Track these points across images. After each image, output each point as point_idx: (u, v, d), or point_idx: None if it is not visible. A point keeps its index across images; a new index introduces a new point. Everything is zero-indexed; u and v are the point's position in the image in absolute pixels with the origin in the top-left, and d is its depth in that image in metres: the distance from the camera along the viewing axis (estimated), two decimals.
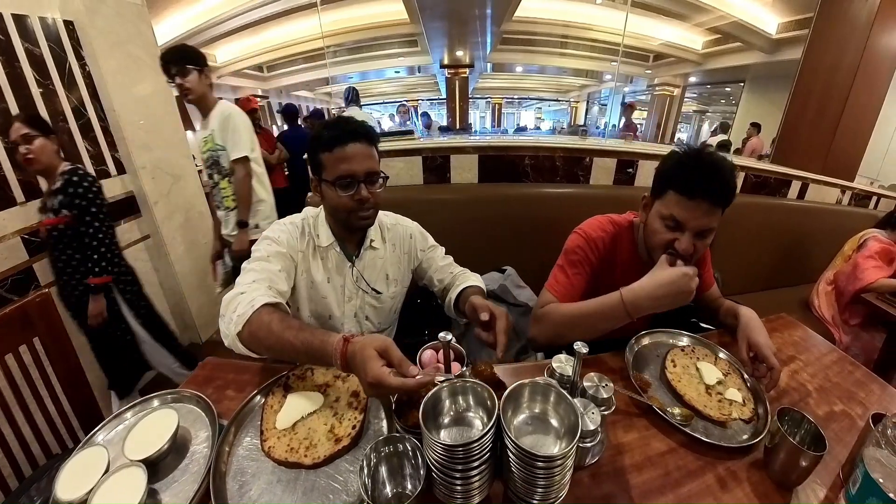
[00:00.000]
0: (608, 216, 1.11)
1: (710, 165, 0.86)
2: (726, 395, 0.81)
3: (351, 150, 0.90)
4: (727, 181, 0.86)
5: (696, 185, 0.85)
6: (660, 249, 0.92)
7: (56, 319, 0.99)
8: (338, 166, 0.90)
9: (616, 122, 9.22)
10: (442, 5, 6.52)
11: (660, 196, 0.93)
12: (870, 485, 0.53)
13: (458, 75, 9.87)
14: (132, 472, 0.60)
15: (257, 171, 1.91)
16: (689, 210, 0.87)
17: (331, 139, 0.91)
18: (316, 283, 1.03)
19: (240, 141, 1.79)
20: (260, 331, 0.73)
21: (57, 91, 1.72)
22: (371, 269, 1.07)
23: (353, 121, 0.95)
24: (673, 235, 0.90)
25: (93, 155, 1.87)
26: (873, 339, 1.74)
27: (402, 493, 0.58)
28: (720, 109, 9.51)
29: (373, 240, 1.06)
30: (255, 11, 5.75)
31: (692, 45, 7.77)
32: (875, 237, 1.79)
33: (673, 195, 0.89)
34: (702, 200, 0.85)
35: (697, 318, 1.36)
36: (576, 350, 0.67)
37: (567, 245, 1.07)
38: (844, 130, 3.23)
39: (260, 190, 1.94)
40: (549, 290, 1.02)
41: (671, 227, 0.90)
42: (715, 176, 0.85)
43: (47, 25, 1.68)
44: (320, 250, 1.02)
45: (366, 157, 0.92)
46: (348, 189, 0.91)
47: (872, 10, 3.00)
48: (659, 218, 0.92)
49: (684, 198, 0.87)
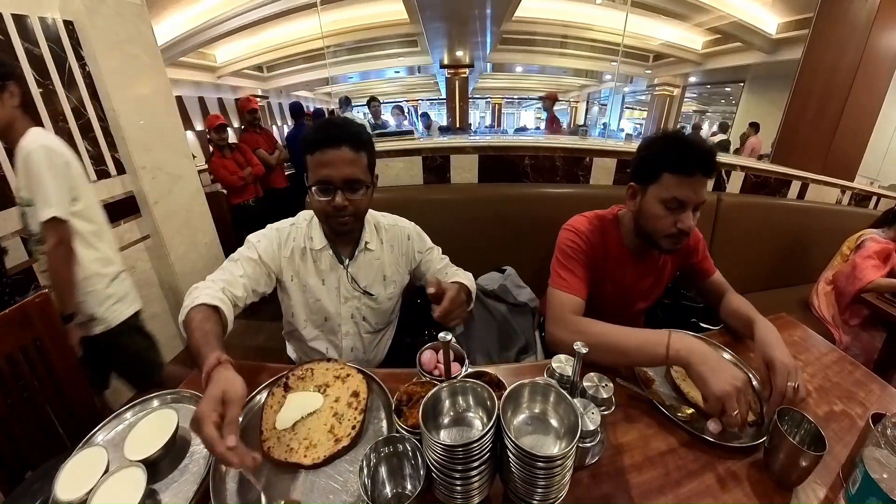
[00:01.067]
0: (593, 212, 1.13)
1: (694, 141, 0.92)
2: None
3: (330, 156, 0.88)
4: (713, 152, 0.91)
5: (691, 161, 0.90)
6: (666, 233, 0.95)
7: (56, 319, 0.99)
8: (317, 171, 0.90)
9: (616, 122, 9.24)
10: (442, 5, 6.51)
11: (654, 181, 0.95)
12: (870, 485, 0.53)
13: (457, 75, 9.87)
14: (132, 472, 0.60)
15: (83, 231, 1.30)
16: (689, 186, 0.91)
17: (313, 142, 0.90)
18: (309, 287, 1.04)
19: (44, 192, 1.17)
20: (186, 325, 0.77)
21: (57, 91, 1.72)
22: (367, 271, 1.07)
23: (340, 124, 0.92)
24: (676, 217, 0.93)
25: (93, 155, 1.87)
26: (873, 339, 1.74)
27: (402, 494, 0.58)
28: (720, 109, 9.50)
29: (367, 241, 1.06)
30: (254, 12, 5.74)
31: (692, 45, 7.77)
32: (873, 238, 1.79)
33: (670, 177, 0.92)
34: (699, 175, 0.91)
35: (698, 319, 1.37)
36: (576, 350, 0.67)
37: (559, 242, 1.08)
38: (844, 130, 3.23)
39: (88, 257, 1.31)
40: (561, 290, 1.00)
41: (673, 208, 0.93)
42: (702, 149, 0.91)
43: (47, 25, 1.68)
44: (314, 253, 1.03)
45: (346, 163, 0.89)
46: (325, 195, 0.91)
47: (872, 10, 3.00)
48: (659, 202, 0.94)
49: (683, 176, 0.91)
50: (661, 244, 0.98)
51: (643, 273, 1.13)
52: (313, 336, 1.10)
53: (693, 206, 0.93)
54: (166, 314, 2.28)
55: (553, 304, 1.00)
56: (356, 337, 1.11)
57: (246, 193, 3.19)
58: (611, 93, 9.87)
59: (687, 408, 0.75)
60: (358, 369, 0.82)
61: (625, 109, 11.45)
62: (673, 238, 0.96)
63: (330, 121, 0.98)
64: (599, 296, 1.10)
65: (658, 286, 1.19)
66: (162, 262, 2.21)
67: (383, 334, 1.18)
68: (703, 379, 0.72)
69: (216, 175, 3.08)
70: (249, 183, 3.17)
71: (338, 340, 1.10)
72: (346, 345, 1.10)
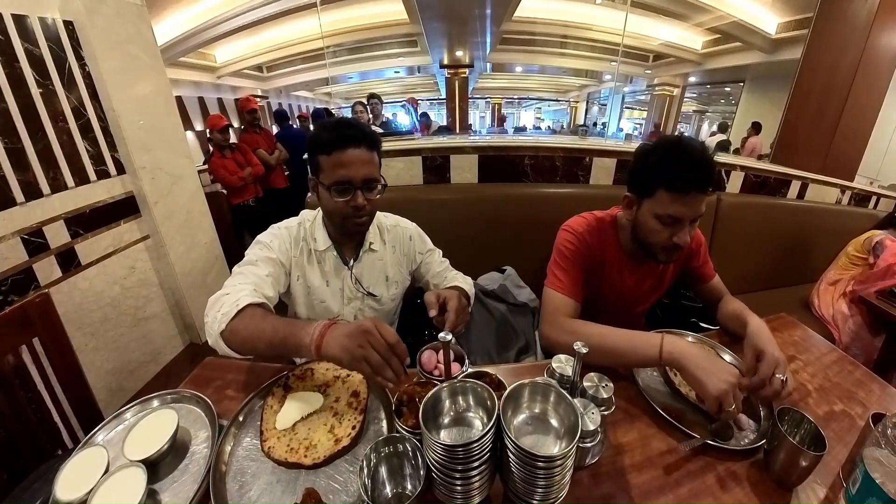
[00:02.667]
0: (592, 213, 1.12)
1: (694, 156, 0.85)
2: None
3: (349, 156, 0.88)
4: (712, 167, 0.86)
5: (688, 181, 0.86)
6: (662, 246, 0.93)
7: (56, 319, 0.99)
8: (335, 171, 0.88)
9: (616, 122, 9.23)
10: (442, 5, 6.51)
11: (649, 195, 0.92)
12: (870, 485, 0.53)
13: (457, 75, 9.87)
14: (132, 472, 0.60)
15: None
16: (685, 205, 0.88)
17: (329, 142, 0.88)
18: (314, 288, 1.03)
19: None
20: (240, 325, 0.73)
21: (56, 91, 1.72)
22: (370, 272, 1.07)
23: (355, 124, 0.91)
24: (672, 231, 0.91)
25: (92, 155, 1.87)
26: (873, 340, 1.74)
27: (402, 494, 0.58)
28: (720, 109, 9.52)
29: (372, 242, 1.05)
30: (254, 12, 5.75)
31: (692, 45, 7.78)
32: (889, 237, 1.81)
33: (665, 194, 0.88)
34: (696, 193, 0.87)
35: (697, 318, 1.37)
36: (576, 350, 0.67)
37: (557, 242, 1.07)
38: (844, 130, 3.22)
39: None
40: (556, 291, 1.00)
41: (668, 223, 0.91)
42: (701, 166, 0.85)
43: (47, 26, 1.68)
44: (317, 254, 1.02)
45: (364, 162, 0.89)
46: (344, 195, 0.90)
47: (872, 10, 3.00)
48: (654, 218, 0.92)
49: (679, 194, 0.87)
50: (657, 255, 0.98)
51: (642, 277, 1.12)
52: None
53: (690, 221, 0.91)
54: (166, 314, 2.28)
55: (547, 305, 1.00)
56: None
57: (246, 193, 3.18)
58: (610, 93, 9.88)
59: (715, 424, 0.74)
60: None
61: (624, 109, 11.46)
62: (669, 251, 0.95)
63: (343, 121, 0.97)
64: (599, 298, 1.09)
65: (658, 289, 1.18)
66: (162, 262, 2.21)
67: None
68: (699, 381, 0.74)
69: (216, 175, 3.08)
70: (249, 183, 3.16)
71: None
72: None
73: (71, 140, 1.77)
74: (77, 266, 1.80)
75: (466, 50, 9.15)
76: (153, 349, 2.24)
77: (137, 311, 2.12)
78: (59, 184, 1.72)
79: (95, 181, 1.88)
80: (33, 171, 1.62)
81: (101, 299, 1.91)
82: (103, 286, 1.92)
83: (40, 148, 1.64)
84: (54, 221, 1.70)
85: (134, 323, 2.10)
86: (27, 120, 1.59)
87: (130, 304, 2.08)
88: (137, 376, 2.12)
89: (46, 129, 1.66)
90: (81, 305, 1.82)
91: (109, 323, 1.96)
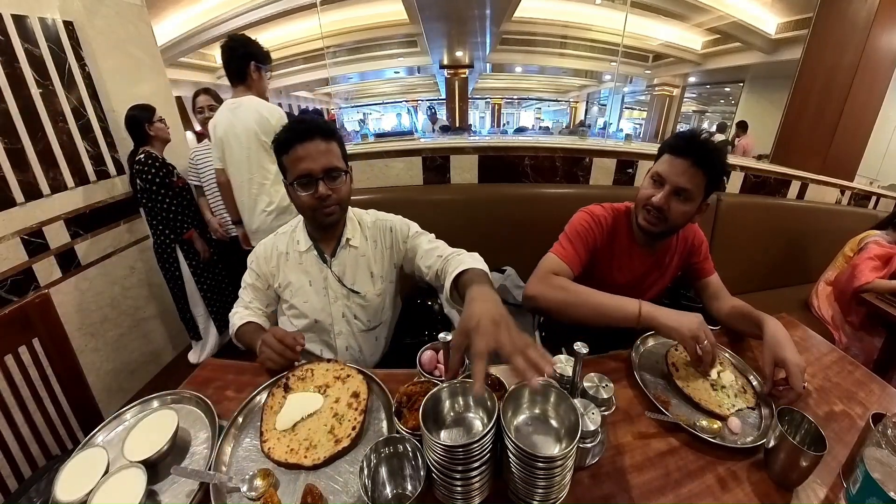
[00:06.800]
0: (609, 204, 1.18)
1: (695, 132, 0.98)
2: (724, 383, 0.83)
3: (305, 150, 0.91)
4: (708, 143, 0.95)
5: (681, 144, 0.97)
6: (642, 204, 1.02)
7: (56, 320, 0.99)
8: (296, 167, 0.92)
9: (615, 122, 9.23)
10: (441, 5, 6.51)
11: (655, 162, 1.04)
12: (870, 485, 0.53)
13: (457, 75, 9.87)
14: (132, 473, 0.60)
15: None
16: (671, 165, 0.97)
17: (286, 141, 0.92)
18: (297, 289, 1.05)
19: None
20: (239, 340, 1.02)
21: (56, 91, 1.72)
22: (352, 268, 1.07)
23: (305, 119, 0.96)
24: (654, 192, 0.99)
25: (93, 155, 1.87)
26: (873, 340, 1.74)
27: (402, 494, 0.58)
28: (720, 109, 9.51)
29: (349, 238, 1.05)
30: (255, 12, 5.75)
31: (691, 45, 7.77)
32: (876, 241, 1.80)
33: (664, 156, 1.00)
34: (685, 158, 0.95)
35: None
36: (576, 351, 0.67)
37: (572, 220, 1.13)
38: (844, 130, 3.22)
39: None
40: (555, 255, 1.05)
41: (655, 181, 1.00)
42: (699, 138, 0.96)
43: (47, 26, 1.68)
44: (300, 255, 1.05)
45: (321, 153, 0.92)
46: (307, 188, 0.92)
47: (872, 10, 3.00)
48: (649, 177, 1.03)
49: (672, 156, 0.98)
50: (638, 219, 1.05)
51: (651, 266, 1.17)
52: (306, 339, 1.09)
53: (673, 189, 0.96)
54: (166, 314, 2.28)
55: (542, 265, 1.04)
56: (350, 336, 1.10)
57: None
58: (610, 93, 9.88)
59: (713, 422, 0.74)
60: (358, 370, 0.82)
61: (624, 109, 11.46)
62: (647, 211, 1.01)
63: (297, 118, 1.00)
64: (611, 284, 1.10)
65: (662, 279, 1.22)
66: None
67: (378, 332, 1.18)
68: (673, 327, 0.84)
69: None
70: None
71: (331, 340, 1.10)
72: (341, 344, 1.10)
73: (71, 140, 1.77)
74: (77, 266, 1.80)
75: (466, 50, 9.15)
76: (153, 349, 2.24)
77: (137, 311, 2.12)
78: (59, 184, 1.72)
79: (95, 181, 1.88)
80: (33, 171, 1.62)
81: (100, 300, 1.91)
82: (103, 286, 1.92)
83: (40, 148, 1.64)
84: (54, 222, 1.70)
85: (134, 323, 2.10)
86: (27, 120, 1.59)
87: (130, 305, 2.08)
88: (137, 377, 2.12)
89: (46, 129, 1.66)
90: (81, 306, 1.82)
91: (109, 323, 1.96)
